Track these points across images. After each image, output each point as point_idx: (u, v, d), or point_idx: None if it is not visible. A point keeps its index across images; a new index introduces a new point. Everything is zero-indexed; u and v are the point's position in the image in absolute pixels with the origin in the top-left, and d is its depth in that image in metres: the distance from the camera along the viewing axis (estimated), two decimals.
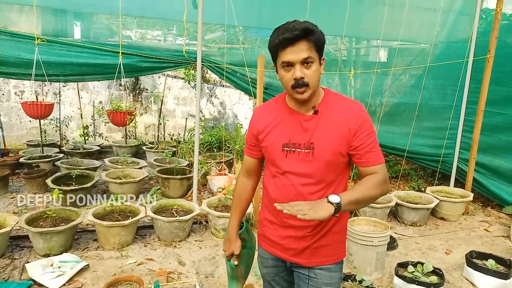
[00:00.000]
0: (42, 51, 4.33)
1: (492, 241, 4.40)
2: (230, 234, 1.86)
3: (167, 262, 3.54)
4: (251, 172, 1.85)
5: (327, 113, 1.58)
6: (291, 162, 1.59)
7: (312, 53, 1.48)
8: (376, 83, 5.62)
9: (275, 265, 1.78)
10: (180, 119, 8.76)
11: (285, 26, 1.48)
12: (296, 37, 1.45)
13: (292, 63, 1.49)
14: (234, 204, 1.89)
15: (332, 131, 1.56)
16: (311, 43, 1.47)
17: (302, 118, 1.59)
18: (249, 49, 6.06)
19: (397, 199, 4.75)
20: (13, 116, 7.65)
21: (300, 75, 1.48)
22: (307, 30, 1.46)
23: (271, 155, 1.65)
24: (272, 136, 1.64)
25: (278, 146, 1.62)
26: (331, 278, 1.68)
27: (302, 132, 1.59)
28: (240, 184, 1.88)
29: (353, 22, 5.11)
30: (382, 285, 3.33)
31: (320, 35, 1.51)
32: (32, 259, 3.42)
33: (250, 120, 1.76)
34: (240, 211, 1.87)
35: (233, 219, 1.88)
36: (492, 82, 4.87)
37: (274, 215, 1.69)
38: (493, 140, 5.30)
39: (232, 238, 1.85)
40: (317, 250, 1.65)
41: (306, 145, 1.57)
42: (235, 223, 1.86)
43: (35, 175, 5.19)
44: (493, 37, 4.76)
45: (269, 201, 1.70)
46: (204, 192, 5.53)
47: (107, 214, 3.93)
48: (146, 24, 6.82)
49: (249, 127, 1.76)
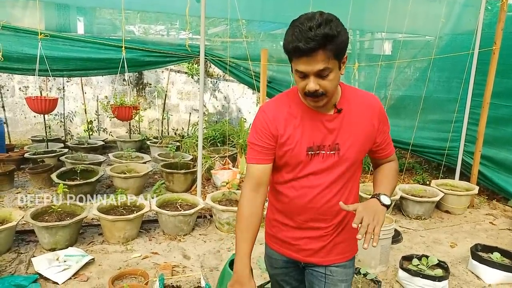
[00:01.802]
0: (46, 46, 4.34)
1: (498, 234, 4.38)
2: (242, 273, 1.45)
3: (172, 256, 3.56)
4: (262, 184, 1.51)
5: (348, 110, 1.48)
6: (315, 165, 1.49)
7: (329, 63, 1.30)
8: (381, 76, 5.57)
9: (286, 266, 1.70)
10: (183, 113, 8.76)
11: (302, 28, 1.26)
12: (313, 47, 1.25)
13: (306, 74, 1.33)
14: (243, 230, 1.49)
15: (356, 129, 1.48)
16: (330, 52, 1.28)
17: (324, 118, 1.46)
18: (252, 43, 6.04)
19: (402, 193, 4.74)
20: (17, 111, 7.69)
21: (314, 88, 1.34)
22: (327, 38, 1.25)
23: (293, 160, 1.48)
24: (294, 139, 1.46)
25: (302, 150, 1.46)
26: (346, 274, 1.65)
27: (326, 133, 1.47)
28: (248, 202, 1.51)
29: (357, 14, 5.06)
30: (387, 278, 3.32)
31: (342, 40, 1.29)
32: (38, 253, 3.45)
33: (260, 120, 1.50)
34: (252, 237, 1.49)
35: (244, 249, 1.47)
36: (497, 74, 4.82)
37: (288, 216, 1.59)
38: (498, 133, 5.25)
39: (245, 279, 1.45)
40: (333, 248, 1.61)
41: (331, 146, 1.47)
42: (247, 255, 1.47)
43: (40, 170, 5.22)
44: (499, 29, 4.70)
45: (283, 203, 1.59)
46: (208, 187, 5.54)
47: (112, 209, 3.95)
48: (149, 18, 6.80)
49: (261, 128, 1.49)
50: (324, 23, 1.25)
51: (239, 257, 1.47)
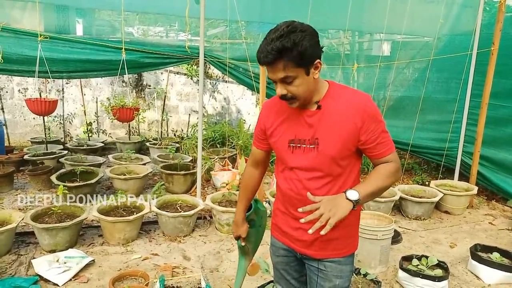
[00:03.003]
0: (45, 48, 4.34)
1: (497, 234, 4.39)
2: (237, 218, 1.97)
3: (172, 257, 3.56)
4: (259, 162, 1.90)
5: (331, 107, 1.55)
6: (297, 158, 1.61)
7: (289, 71, 1.43)
8: (380, 77, 5.59)
9: (286, 254, 1.80)
10: (183, 115, 8.76)
11: (267, 40, 1.42)
12: (271, 60, 1.41)
13: (274, 80, 1.50)
14: (241, 191, 1.98)
15: (336, 126, 1.54)
16: (289, 61, 1.41)
17: (305, 113, 1.59)
18: (251, 44, 6.05)
19: (401, 193, 4.74)
20: (17, 113, 7.68)
21: (281, 93, 1.50)
22: (281, 51, 1.39)
23: (278, 151, 1.68)
24: (278, 132, 1.66)
25: (284, 142, 1.64)
26: (341, 270, 1.68)
27: (306, 128, 1.58)
28: (248, 173, 1.95)
29: (356, 15, 5.07)
30: (387, 279, 3.33)
31: (301, 50, 1.39)
32: (38, 255, 3.44)
33: (259, 114, 1.80)
34: (247, 198, 1.96)
35: (240, 204, 1.96)
36: (496, 74, 4.84)
37: (285, 206, 1.72)
38: (497, 133, 5.27)
39: (239, 222, 1.96)
40: (327, 243, 1.65)
41: (311, 140, 1.57)
42: (242, 208, 1.95)
43: (40, 172, 5.22)
44: (497, 29, 4.72)
45: (281, 193, 1.74)
46: (208, 188, 5.54)
47: (112, 210, 3.95)
48: (148, 20, 6.81)
49: (257, 122, 1.79)
50: (285, 35, 1.38)
51: (237, 209, 1.97)
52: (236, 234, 1.99)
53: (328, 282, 1.68)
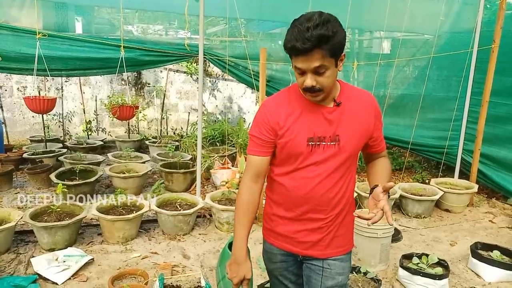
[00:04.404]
0: (44, 46, 4.32)
1: (497, 232, 4.38)
2: (239, 254, 1.58)
3: (172, 256, 3.55)
4: (260, 174, 1.63)
5: (348, 104, 1.56)
6: (316, 156, 1.55)
7: (325, 60, 1.38)
8: (380, 74, 5.57)
9: (285, 260, 1.73)
10: (182, 113, 8.75)
11: (300, 28, 1.34)
12: (310, 47, 1.34)
13: (303, 70, 1.42)
14: (241, 214, 1.62)
15: (356, 122, 1.57)
16: (325, 51, 1.36)
17: (325, 110, 1.54)
18: (251, 42, 6.02)
19: (401, 191, 4.73)
20: (16, 111, 7.67)
21: (311, 84, 1.42)
22: (322, 39, 1.33)
23: (293, 150, 1.54)
24: (293, 131, 1.53)
25: (302, 141, 1.53)
26: (343, 268, 1.70)
27: (326, 125, 1.54)
28: (247, 190, 1.63)
29: (356, 13, 5.04)
30: (387, 277, 3.32)
31: (338, 40, 1.37)
32: (37, 253, 3.43)
33: (261, 114, 1.59)
34: (249, 222, 1.61)
35: (241, 231, 1.60)
36: (496, 72, 4.82)
37: (288, 210, 1.64)
38: (498, 131, 5.25)
39: (242, 260, 1.58)
40: (331, 242, 1.66)
41: (331, 137, 1.54)
42: (244, 238, 1.60)
43: (39, 170, 5.21)
44: (497, 27, 4.70)
45: (282, 195, 1.64)
46: (208, 186, 5.53)
47: (111, 208, 3.94)
48: (147, 18, 6.78)
49: (261, 122, 1.57)
50: (321, 23, 1.33)
51: (237, 240, 1.60)
52: (238, 277, 1.57)
53: (331, 280, 1.67)
